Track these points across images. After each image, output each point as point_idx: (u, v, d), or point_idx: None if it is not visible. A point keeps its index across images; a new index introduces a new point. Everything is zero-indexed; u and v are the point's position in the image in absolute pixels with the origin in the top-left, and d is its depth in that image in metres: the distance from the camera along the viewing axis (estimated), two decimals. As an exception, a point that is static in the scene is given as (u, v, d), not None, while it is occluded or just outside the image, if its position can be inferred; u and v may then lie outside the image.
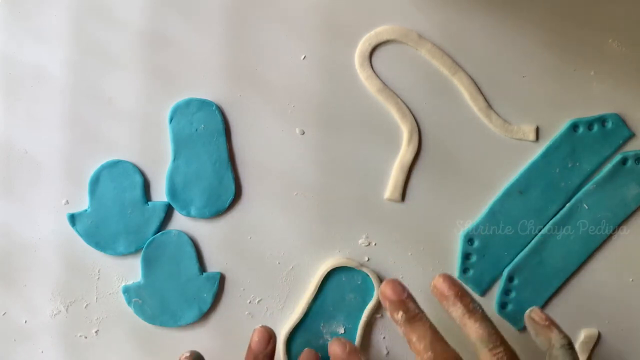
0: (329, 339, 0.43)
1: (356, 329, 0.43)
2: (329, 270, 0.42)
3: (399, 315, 0.37)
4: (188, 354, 0.38)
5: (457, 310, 0.37)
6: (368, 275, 0.42)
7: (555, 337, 0.37)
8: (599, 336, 0.44)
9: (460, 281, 0.38)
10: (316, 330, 0.43)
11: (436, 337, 0.36)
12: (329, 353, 0.39)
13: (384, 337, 0.44)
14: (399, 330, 0.37)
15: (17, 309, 0.43)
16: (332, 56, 0.43)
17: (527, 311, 0.39)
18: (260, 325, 0.39)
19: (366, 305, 0.43)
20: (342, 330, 0.43)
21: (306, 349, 0.41)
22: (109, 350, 0.43)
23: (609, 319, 0.44)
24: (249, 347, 0.39)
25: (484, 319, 0.36)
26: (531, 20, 0.44)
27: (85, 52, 0.43)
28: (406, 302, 0.37)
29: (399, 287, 0.37)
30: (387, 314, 0.38)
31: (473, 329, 0.36)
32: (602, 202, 0.44)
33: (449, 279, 0.38)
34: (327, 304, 0.43)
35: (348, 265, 0.42)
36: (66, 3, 0.43)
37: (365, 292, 0.43)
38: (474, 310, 0.37)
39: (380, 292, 0.38)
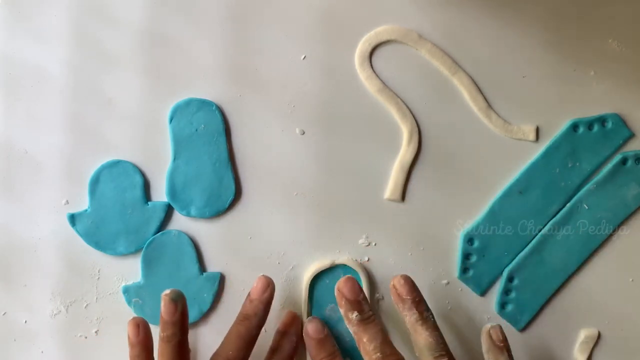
0: (348, 341, 0.43)
1: None
2: (309, 282, 0.42)
3: (354, 315, 0.38)
4: (168, 291, 0.38)
5: (411, 316, 0.38)
6: (347, 266, 0.42)
7: (503, 359, 0.39)
8: (599, 336, 0.44)
9: (417, 286, 0.39)
10: (334, 337, 0.43)
11: (386, 340, 0.37)
12: (303, 332, 0.41)
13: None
14: (350, 329, 0.38)
15: (17, 309, 0.43)
16: (332, 56, 0.43)
17: (488, 326, 0.40)
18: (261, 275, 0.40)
19: None
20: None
21: (288, 311, 0.42)
22: (109, 350, 0.43)
23: (609, 319, 0.44)
24: (248, 293, 0.40)
25: (435, 328, 0.38)
26: (531, 21, 0.44)
27: (85, 52, 0.43)
28: (361, 303, 0.38)
29: (357, 287, 0.38)
30: (340, 310, 0.39)
31: (423, 336, 0.37)
32: (602, 202, 0.44)
33: (409, 282, 0.39)
34: (323, 310, 0.43)
35: (323, 268, 0.42)
36: (66, 3, 0.43)
37: None
38: (427, 319, 0.38)
39: (337, 289, 0.39)
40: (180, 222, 0.43)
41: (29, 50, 0.43)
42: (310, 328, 0.41)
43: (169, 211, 0.43)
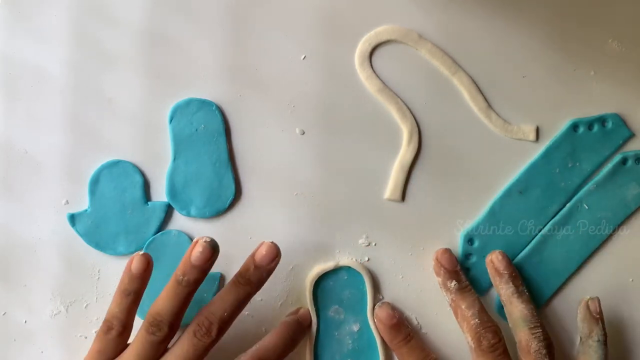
0: (350, 343, 0.43)
1: (366, 319, 0.43)
2: (313, 283, 0.42)
3: (452, 284, 0.41)
4: (208, 238, 0.37)
5: (508, 289, 0.41)
6: (351, 268, 0.42)
7: (597, 331, 0.41)
8: (599, 336, 0.44)
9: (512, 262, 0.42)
10: (335, 340, 0.43)
11: (482, 308, 0.40)
12: (375, 318, 0.42)
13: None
14: (447, 298, 0.41)
15: (17, 309, 0.43)
16: (332, 56, 0.43)
17: (586, 297, 0.42)
18: (270, 241, 0.38)
19: (364, 294, 0.43)
20: (357, 328, 0.43)
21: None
22: (109, 350, 0.43)
23: (609, 319, 0.44)
24: (252, 255, 0.38)
25: (530, 302, 0.41)
26: (531, 20, 0.44)
27: (85, 52, 0.43)
28: (459, 272, 0.41)
29: (454, 258, 0.42)
30: (438, 280, 0.42)
31: (519, 308, 0.40)
32: (602, 202, 0.44)
33: (506, 258, 0.42)
34: (327, 312, 0.43)
35: (327, 269, 0.42)
36: (66, 3, 0.43)
37: (355, 283, 0.43)
38: (522, 292, 0.41)
39: (435, 260, 0.42)
40: (180, 222, 0.43)
41: (29, 50, 0.43)
42: (382, 314, 0.42)
43: (169, 211, 0.43)
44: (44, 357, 0.43)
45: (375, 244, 0.43)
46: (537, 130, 0.44)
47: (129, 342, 0.39)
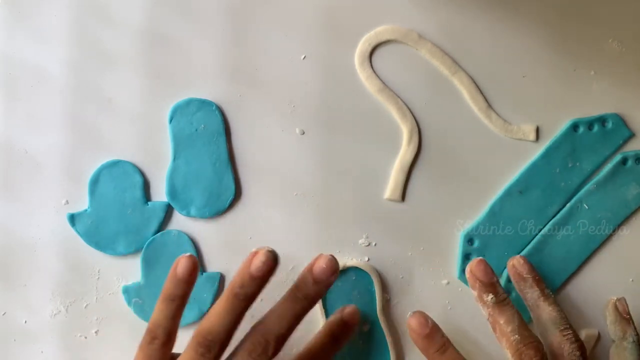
0: (361, 343, 0.43)
1: (377, 318, 0.43)
2: None
3: (489, 297, 0.38)
4: (270, 248, 0.35)
5: (533, 293, 0.40)
6: (358, 268, 0.42)
7: (631, 332, 0.41)
8: (599, 336, 0.44)
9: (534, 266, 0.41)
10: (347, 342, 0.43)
11: (522, 323, 0.38)
12: (407, 327, 0.38)
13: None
14: (484, 312, 0.39)
15: (17, 309, 0.43)
16: (332, 56, 0.43)
17: (613, 299, 0.42)
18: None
19: (372, 294, 0.43)
20: (367, 328, 0.43)
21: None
22: (109, 350, 0.43)
23: (609, 319, 0.44)
24: (309, 268, 0.36)
25: (556, 303, 0.39)
26: (531, 20, 0.44)
27: (85, 52, 0.43)
28: (496, 285, 0.39)
29: (490, 269, 0.39)
30: (474, 293, 0.39)
31: (547, 311, 0.39)
32: (602, 202, 0.44)
33: (528, 263, 0.41)
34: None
35: None
36: (66, 3, 0.43)
37: (363, 283, 0.43)
38: (548, 295, 0.40)
39: (469, 272, 0.39)
40: (180, 222, 0.43)
41: (29, 50, 0.43)
42: (415, 323, 0.38)
43: (168, 211, 0.43)
44: (44, 357, 0.43)
45: (375, 244, 0.43)
46: (537, 130, 0.44)
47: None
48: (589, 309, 0.44)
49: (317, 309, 0.43)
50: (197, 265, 0.36)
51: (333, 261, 0.36)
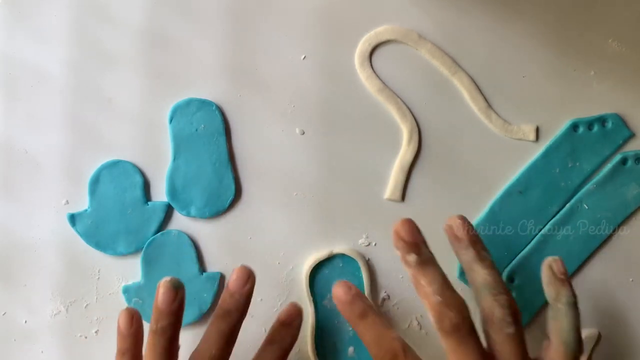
0: (350, 330, 0.43)
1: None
2: (309, 273, 0.42)
3: (412, 257, 0.35)
4: (169, 278, 0.35)
5: (468, 254, 0.36)
6: (345, 255, 0.43)
7: (565, 293, 0.36)
8: (599, 336, 0.44)
9: (473, 226, 0.38)
10: (335, 328, 0.43)
11: (446, 284, 0.35)
12: (332, 297, 0.37)
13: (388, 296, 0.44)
14: (408, 272, 0.36)
15: (17, 309, 0.43)
16: (332, 56, 0.43)
17: (550, 259, 0.38)
18: (240, 265, 0.36)
19: (360, 279, 0.43)
20: None
21: (291, 302, 0.39)
22: (109, 350, 0.43)
23: (609, 319, 0.44)
24: (226, 285, 0.36)
25: (493, 267, 0.36)
26: (531, 20, 0.44)
27: (85, 52, 0.43)
28: (419, 245, 0.36)
29: (415, 229, 0.36)
30: (398, 253, 0.36)
31: (481, 275, 0.36)
32: (602, 202, 0.44)
33: (466, 223, 0.37)
34: (323, 301, 0.43)
35: (322, 258, 0.42)
36: (66, 3, 0.43)
37: (351, 270, 0.43)
38: (484, 258, 0.36)
39: (394, 231, 0.35)
40: (180, 222, 0.43)
41: (29, 50, 0.43)
42: (339, 291, 0.36)
43: (169, 211, 0.43)
44: (44, 357, 0.43)
45: (375, 244, 0.43)
46: (537, 130, 0.44)
47: None
48: (589, 309, 0.44)
49: (307, 303, 0.43)
50: (136, 315, 0.37)
51: (244, 270, 0.36)
